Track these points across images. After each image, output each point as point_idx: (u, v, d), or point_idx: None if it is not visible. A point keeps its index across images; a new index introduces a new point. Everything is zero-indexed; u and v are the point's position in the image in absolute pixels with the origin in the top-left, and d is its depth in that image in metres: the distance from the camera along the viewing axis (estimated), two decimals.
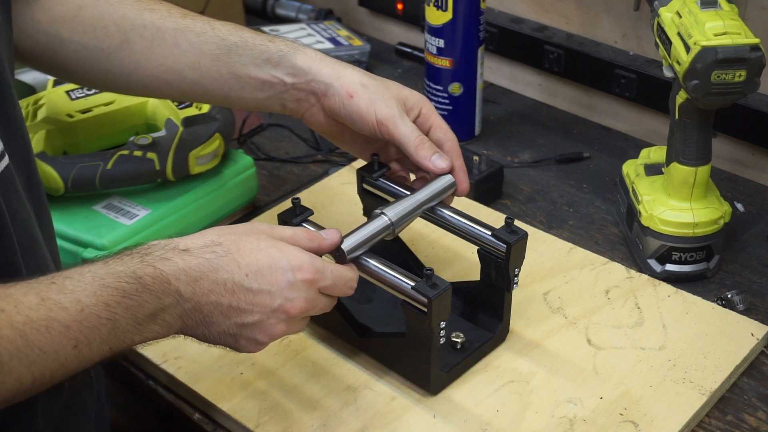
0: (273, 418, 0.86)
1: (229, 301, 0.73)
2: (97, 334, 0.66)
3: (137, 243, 0.74)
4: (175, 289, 0.71)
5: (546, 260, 1.04)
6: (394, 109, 0.88)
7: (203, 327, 0.74)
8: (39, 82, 1.24)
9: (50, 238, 0.84)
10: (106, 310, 0.67)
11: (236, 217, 1.14)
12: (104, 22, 0.90)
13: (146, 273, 0.70)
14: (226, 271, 0.73)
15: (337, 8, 1.63)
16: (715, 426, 0.88)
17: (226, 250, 0.74)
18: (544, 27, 1.38)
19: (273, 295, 0.74)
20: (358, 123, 0.89)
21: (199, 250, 0.73)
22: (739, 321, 0.96)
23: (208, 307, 0.73)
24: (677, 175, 1.01)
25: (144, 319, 0.70)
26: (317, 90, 0.90)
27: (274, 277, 0.74)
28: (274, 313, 0.75)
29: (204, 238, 0.75)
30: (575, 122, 1.36)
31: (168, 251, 0.72)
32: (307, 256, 0.76)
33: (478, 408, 0.87)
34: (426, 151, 0.88)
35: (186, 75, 0.91)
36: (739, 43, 0.91)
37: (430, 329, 0.81)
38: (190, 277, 0.72)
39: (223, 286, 0.73)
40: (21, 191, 0.75)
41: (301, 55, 0.91)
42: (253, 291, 0.74)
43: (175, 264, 0.71)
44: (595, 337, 0.94)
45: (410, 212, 0.88)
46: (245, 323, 0.74)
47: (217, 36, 0.91)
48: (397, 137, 0.88)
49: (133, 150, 1.05)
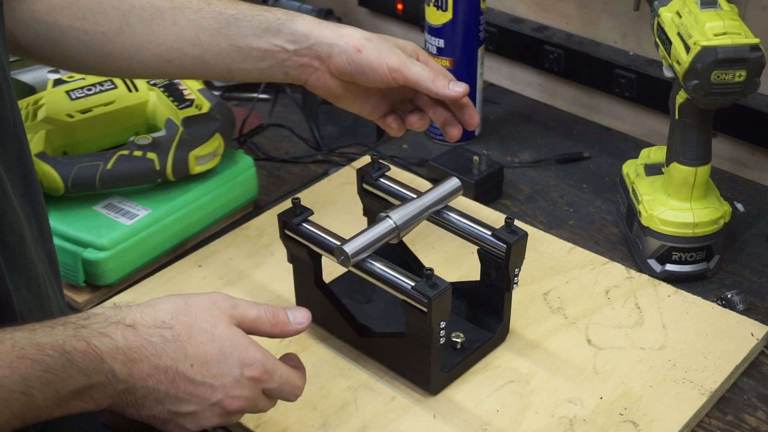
0: (273, 418, 0.86)
1: (167, 389, 0.70)
2: (8, 406, 0.62)
3: (78, 312, 0.69)
4: (108, 368, 0.67)
5: (546, 260, 1.04)
6: (402, 55, 0.90)
7: (133, 408, 0.70)
8: (39, 82, 1.24)
9: (48, 238, 0.83)
10: (21, 384, 0.62)
11: (236, 217, 1.14)
12: (102, 7, 0.91)
13: (75, 347, 0.65)
14: (171, 358, 0.69)
15: (337, 8, 1.63)
16: (715, 426, 0.88)
17: (176, 336, 0.70)
18: (544, 27, 1.38)
19: (215, 390, 0.71)
20: (370, 75, 0.90)
21: (146, 330, 0.69)
22: (739, 321, 0.96)
23: (142, 390, 0.69)
24: (677, 175, 1.01)
25: (67, 396, 0.65)
26: (321, 53, 0.91)
27: (220, 371, 0.71)
28: (212, 407, 0.72)
29: (155, 316, 0.70)
30: (575, 122, 1.36)
31: (110, 325, 0.68)
32: (261, 354, 0.73)
33: (478, 408, 0.87)
34: (442, 80, 0.90)
35: (187, 52, 0.92)
36: (739, 43, 0.91)
37: (430, 329, 0.81)
38: (129, 357, 0.68)
39: (164, 372, 0.69)
40: (10, 192, 0.74)
41: (300, 20, 0.92)
42: (196, 382, 0.70)
43: (114, 342, 0.67)
44: (595, 337, 0.94)
45: (416, 216, 0.88)
46: (179, 411, 0.71)
47: (214, 11, 0.92)
48: (412, 77, 0.90)
49: (133, 150, 1.05)
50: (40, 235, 0.81)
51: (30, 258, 0.76)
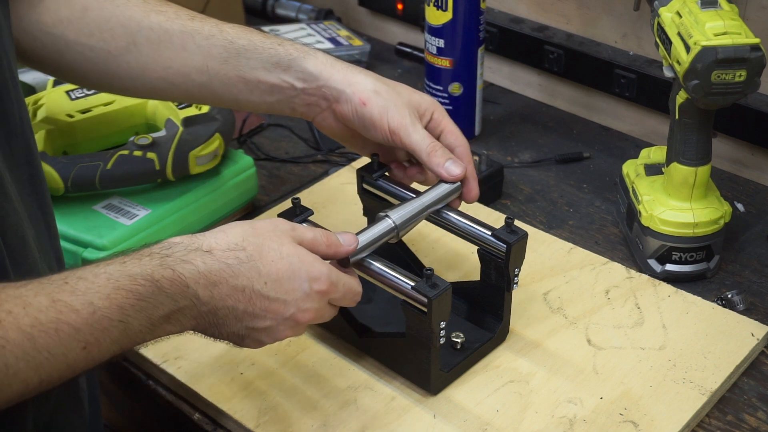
0: (273, 418, 0.86)
1: (245, 307, 0.74)
2: (108, 335, 0.66)
3: (158, 240, 0.74)
4: (193, 293, 0.71)
5: (546, 260, 1.04)
6: (406, 118, 0.88)
7: (215, 327, 0.75)
8: (39, 82, 1.24)
9: (54, 237, 0.83)
10: (119, 313, 0.67)
11: (236, 218, 1.14)
12: (111, 24, 0.90)
13: (164, 276, 0.70)
14: (247, 277, 0.74)
15: (337, 8, 1.63)
16: (715, 426, 0.88)
17: (249, 256, 0.74)
18: (544, 27, 1.38)
19: (287, 304, 0.76)
20: (371, 130, 0.89)
21: (222, 253, 0.73)
22: (739, 321, 0.96)
23: (223, 311, 0.73)
24: (677, 175, 1.01)
25: (158, 321, 0.70)
26: (329, 96, 0.90)
27: (292, 287, 0.75)
28: (286, 320, 0.76)
29: (228, 239, 0.75)
30: (575, 122, 1.36)
31: (189, 252, 0.72)
32: (326, 268, 0.78)
33: (478, 408, 0.87)
34: (439, 158, 0.88)
35: (194, 78, 0.91)
36: (739, 43, 0.91)
37: (430, 329, 0.81)
38: (210, 281, 0.72)
39: (241, 292, 0.73)
40: (12, 193, 0.74)
41: (312, 59, 0.90)
42: (270, 299, 0.75)
43: (196, 267, 0.72)
44: (595, 337, 0.94)
45: (415, 216, 0.88)
46: (256, 327, 0.75)
47: (225, 39, 0.90)
48: (410, 145, 0.88)
49: (133, 150, 1.05)
50: (48, 234, 0.81)
51: (32, 259, 0.77)
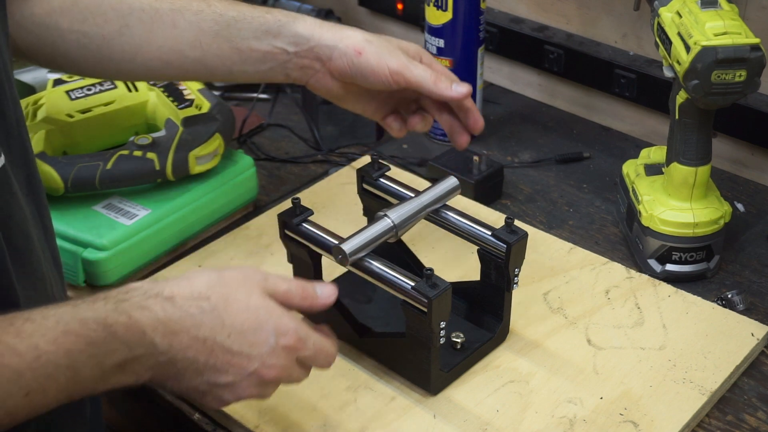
0: (273, 419, 0.86)
1: (206, 359, 0.70)
2: (54, 382, 0.63)
3: (116, 287, 0.70)
4: (149, 341, 0.68)
5: (546, 260, 1.04)
6: (402, 58, 0.90)
7: (174, 380, 0.71)
8: (39, 82, 1.24)
9: (51, 238, 0.83)
10: (66, 358, 0.63)
11: (236, 217, 1.14)
12: (102, 9, 0.91)
13: (118, 321, 0.66)
14: (209, 328, 0.70)
15: (337, 8, 1.63)
16: (715, 426, 0.88)
17: (213, 306, 0.71)
18: (544, 27, 1.38)
19: (251, 359, 0.72)
20: (371, 78, 0.90)
21: (184, 301, 0.70)
22: (739, 321, 0.96)
23: (183, 362, 0.70)
24: (677, 175, 1.01)
25: (110, 369, 0.66)
26: (322, 55, 0.91)
27: (256, 340, 0.72)
28: (249, 376, 0.72)
29: (192, 287, 0.71)
30: (575, 122, 1.36)
31: (149, 298, 0.69)
32: (294, 323, 0.74)
33: (478, 408, 0.87)
34: (444, 82, 0.90)
35: (188, 54, 0.92)
36: (739, 43, 0.91)
37: (430, 329, 0.81)
38: (169, 329, 0.68)
39: (203, 343, 0.70)
40: (17, 192, 0.74)
41: (301, 22, 0.92)
42: (233, 352, 0.71)
43: (154, 314, 0.68)
44: (595, 337, 0.94)
45: (413, 215, 0.88)
46: (217, 383, 0.72)
47: (214, 12, 0.92)
48: (414, 80, 0.89)
49: (133, 150, 1.05)
50: (44, 234, 0.81)
51: (36, 258, 0.77)
